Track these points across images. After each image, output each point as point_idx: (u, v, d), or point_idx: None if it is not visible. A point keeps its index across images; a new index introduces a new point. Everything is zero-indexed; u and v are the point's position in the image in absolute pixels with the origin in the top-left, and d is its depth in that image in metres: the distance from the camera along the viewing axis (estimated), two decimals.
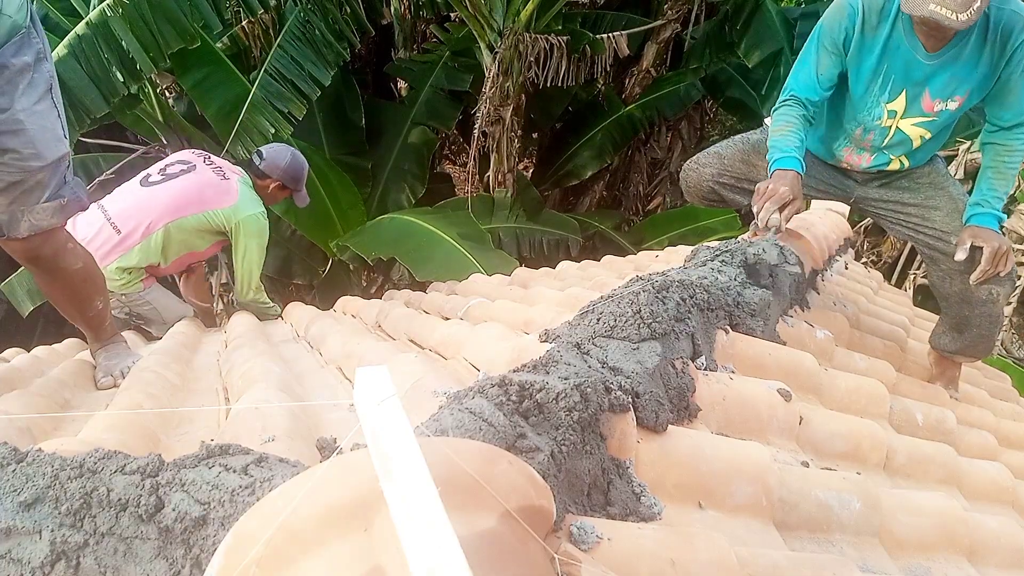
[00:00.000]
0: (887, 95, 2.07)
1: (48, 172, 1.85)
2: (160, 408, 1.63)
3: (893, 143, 2.16)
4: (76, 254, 2.14)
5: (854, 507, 1.15)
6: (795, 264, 2.08)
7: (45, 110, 1.78)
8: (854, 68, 2.08)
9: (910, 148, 2.17)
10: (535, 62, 6.35)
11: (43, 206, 1.89)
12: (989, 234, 2.02)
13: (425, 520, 0.44)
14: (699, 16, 7.89)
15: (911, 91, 2.04)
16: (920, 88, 2.03)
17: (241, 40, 6.32)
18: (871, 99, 2.10)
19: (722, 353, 1.48)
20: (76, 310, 2.26)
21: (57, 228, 1.98)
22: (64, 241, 2.08)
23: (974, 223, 2.05)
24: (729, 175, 2.36)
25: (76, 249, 2.14)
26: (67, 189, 1.95)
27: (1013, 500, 1.81)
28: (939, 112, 2.05)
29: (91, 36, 4.82)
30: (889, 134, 2.14)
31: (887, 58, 2.01)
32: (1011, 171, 2.04)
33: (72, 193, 1.97)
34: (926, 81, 2.01)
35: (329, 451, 1.00)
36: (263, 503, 0.59)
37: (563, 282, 3.09)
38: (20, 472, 0.73)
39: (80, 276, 2.16)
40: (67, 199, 1.95)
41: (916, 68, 2.00)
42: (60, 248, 2.05)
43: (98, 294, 2.28)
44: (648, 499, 0.94)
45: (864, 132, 2.19)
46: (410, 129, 7.15)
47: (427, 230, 5.41)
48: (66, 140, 1.90)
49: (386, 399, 0.55)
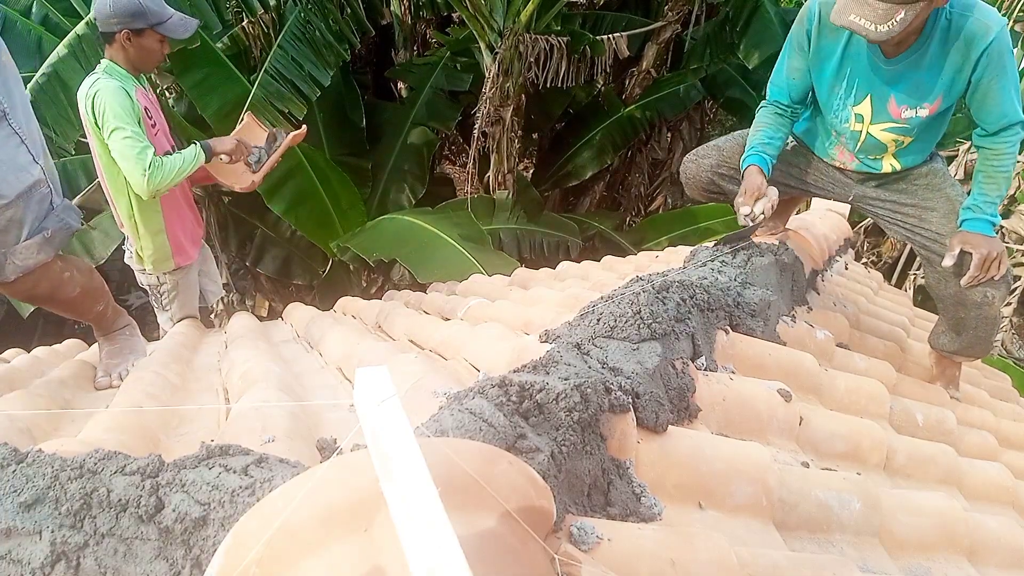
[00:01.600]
0: (852, 98, 2.09)
1: (18, 208, 1.67)
2: (160, 408, 1.63)
3: (867, 147, 2.19)
4: (74, 281, 1.98)
5: (854, 507, 1.15)
6: (795, 264, 2.08)
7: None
8: (816, 70, 2.13)
9: (885, 151, 2.18)
10: (535, 63, 6.36)
11: (24, 244, 1.72)
12: (979, 240, 2.01)
13: (425, 520, 0.45)
14: (699, 17, 7.89)
15: (876, 95, 2.06)
16: (884, 93, 2.05)
17: (241, 40, 6.32)
18: (837, 102, 2.13)
19: (722, 353, 1.49)
20: (76, 316, 2.21)
21: (49, 263, 1.82)
22: (59, 272, 1.91)
23: (965, 228, 2.05)
24: (727, 166, 2.40)
25: (73, 276, 1.98)
26: (52, 219, 1.78)
27: (1013, 500, 1.81)
28: (909, 119, 2.06)
29: (91, 36, 4.83)
30: (860, 139, 2.17)
31: (849, 61, 2.04)
32: (1001, 175, 2.04)
33: (59, 223, 1.80)
34: (890, 86, 2.03)
35: (329, 452, 1.00)
36: (263, 504, 0.59)
37: (563, 283, 3.09)
38: (20, 473, 0.73)
39: (79, 299, 2.04)
40: (52, 230, 1.77)
41: (877, 73, 2.02)
42: (56, 282, 1.90)
43: (97, 302, 2.17)
44: (648, 499, 0.94)
45: (838, 136, 2.23)
46: (410, 129, 7.15)
47: (427, 231, 5.41)
48: (37, 165, 1.71)
49: (386, 400, 0.55)
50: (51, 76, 4.76)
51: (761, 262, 1.99)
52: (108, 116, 2.68)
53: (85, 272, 2.06)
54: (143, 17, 2.81)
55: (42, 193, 1.75)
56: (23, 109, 1.72)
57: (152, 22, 2.83)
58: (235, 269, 6.92)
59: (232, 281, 6.67)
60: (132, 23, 2.80)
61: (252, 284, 7.33)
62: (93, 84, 2.73)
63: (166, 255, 3.08)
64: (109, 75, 2.78)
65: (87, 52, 4.82)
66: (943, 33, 1.90)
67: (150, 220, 2.98)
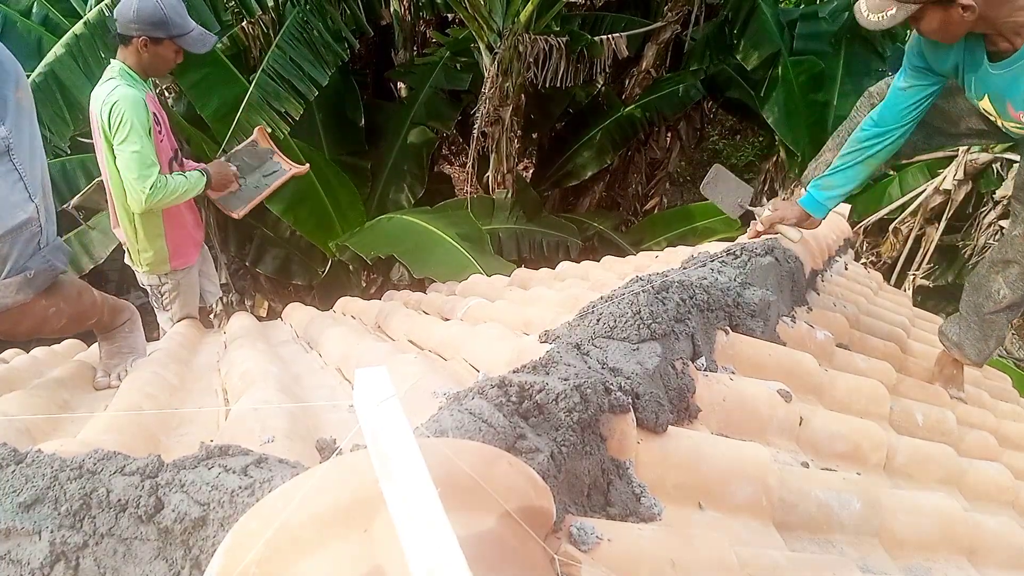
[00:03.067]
0: (973, 94, 2.07)
1: (3, 244, 1.63)
2: (159, 409, 1.63)
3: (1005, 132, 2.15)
4: (60, 314, 1.89)
5: (854, 507, 1.15)
6: (795, 264, 2.08)
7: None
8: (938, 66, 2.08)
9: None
10: (534, 63, 6.36)
11: (3, 283, 1.67)
12: None
13: (425, 520, 0.44)
14: (699, 17, 7.90)
15: (993, 97, 2.03)
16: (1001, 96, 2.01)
17: (240, 41, 6.32)
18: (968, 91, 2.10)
19: (722, 354, 1.48)
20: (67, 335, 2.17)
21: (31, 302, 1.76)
22: (43, 310, 1.83)
23: None
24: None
25: (59, 308, 1.89)
26: (37, 259, 1.72)
27: (1013, 500, 1.81)
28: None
29: (89, 36, 4.83)
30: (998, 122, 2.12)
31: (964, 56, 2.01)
32: None
33: (43, 263, 1.74)
34: (1003, 90, 1.99)
35: (329, 452, 1.00)
36: (263, 504, 0.59)
37: (563, 283, 3.09)
38: (20, 473, 0.73)
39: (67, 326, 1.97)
40: (35, 271, 1.71)
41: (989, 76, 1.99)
42: (39, 319, 1.83)
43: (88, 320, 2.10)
44: (648, 500, 0.94)
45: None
46: (409, 129, 7.16)
47: (426, 230, 5.42)
48: (32, 204, 1.68)
49: (386, 400, 0.55)
50: (48, 75, 4.76)
51: (761, 262, 1.99)
52: (124, 127, 2.66)
53: (72, 299, 1.98)
54: (164, 27, 2.78)
55: (31, 232, 1.71)
56: (30, 147, 1.69)
57: (173, 33, 2.80)
58: (234, 269, 6.92)
59: (231, 281, 6.67)
60: (152, 32, 2.77)
61: (251, 284, 7.33)
62: (113, 91, 2.71)
63: (163, 259, 3.09)
64: (126, 82, 2.76)
65: (85, 52, 4.83)
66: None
67: (150, 224, 2.99)
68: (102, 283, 7.22)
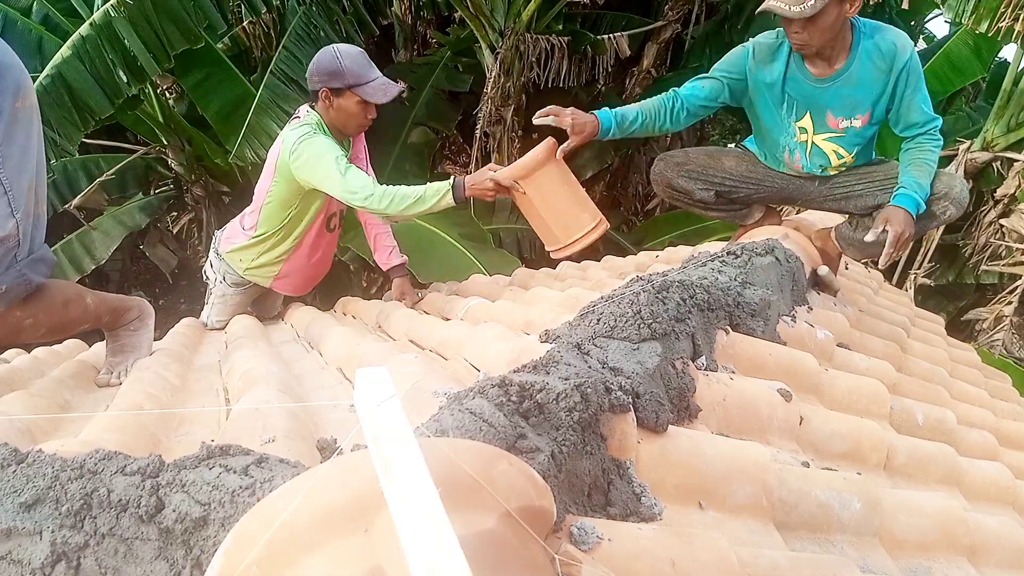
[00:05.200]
0: (794, 115, 2.47)
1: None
2: (160, 409, 1.63)
3: (814, 155, 2.52)
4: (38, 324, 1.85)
5: (854, 507, 1.15)
6: (795, 264, 2.08)
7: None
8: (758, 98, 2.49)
9: (829, 162, 2.52)
10: (536, 62, 6.36)
11: None
12: (900, 216, 2.25)
13: (425, 520, 0.45)
14: (699, 16, 7.89)
15: (814, 111, 2.43)
16: (822, 108, 2.41)
17: (241, 40, 6.33)
18: (783, 121, 2.49)
19: (722, 353, 1.48)
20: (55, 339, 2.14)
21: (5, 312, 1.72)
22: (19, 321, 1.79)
23: (893, 202, 2.31)
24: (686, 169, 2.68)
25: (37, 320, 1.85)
26: (10, 274, 1.67)
27: (1014, 500, 1.80)
28: (845, 129, 2.43)
29: (95, 37, 4.83)
30: (808, 149, 2.52)
31: (788, 86, 2.42)
32: (928, 164, 2.34)
33: (18, 277, 1.69)
34: (825, 102, 2.39)
35: (329, 452, 1.00)
36: (263, 504, 0.59)
37: (563, 282, 3.09)
38: (20, 473, 0.73)
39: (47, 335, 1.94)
40: (7, 285, 1.67)
41: (813, 92, 2.39)
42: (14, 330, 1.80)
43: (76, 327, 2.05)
44: (648, 499, 0.94)
45: (790, 153, 2.57)
46: (410, 129, 7.15)
47: (428, 230, 5.41)
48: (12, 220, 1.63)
49: (386, 400, 0.55)
50: (55, 77, 4.76)
51: (761, 262, 1.99)
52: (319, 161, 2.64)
53: (55, 310, 1.92)
54: (340, 77, 2.76)
55: (7, 247, 1.66)
56: (20, 160, 1.63)
57: (350, 83, 2.76)
58: None
59: None
60: (330, 82, 2.77)
61: None
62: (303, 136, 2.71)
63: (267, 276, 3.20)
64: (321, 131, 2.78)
65: (91, 53, 4.83)
66: (866, 54, 2.28)
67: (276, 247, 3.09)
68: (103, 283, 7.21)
